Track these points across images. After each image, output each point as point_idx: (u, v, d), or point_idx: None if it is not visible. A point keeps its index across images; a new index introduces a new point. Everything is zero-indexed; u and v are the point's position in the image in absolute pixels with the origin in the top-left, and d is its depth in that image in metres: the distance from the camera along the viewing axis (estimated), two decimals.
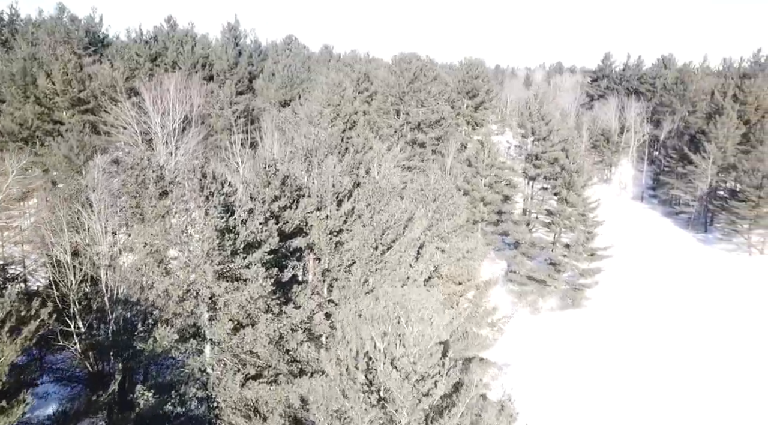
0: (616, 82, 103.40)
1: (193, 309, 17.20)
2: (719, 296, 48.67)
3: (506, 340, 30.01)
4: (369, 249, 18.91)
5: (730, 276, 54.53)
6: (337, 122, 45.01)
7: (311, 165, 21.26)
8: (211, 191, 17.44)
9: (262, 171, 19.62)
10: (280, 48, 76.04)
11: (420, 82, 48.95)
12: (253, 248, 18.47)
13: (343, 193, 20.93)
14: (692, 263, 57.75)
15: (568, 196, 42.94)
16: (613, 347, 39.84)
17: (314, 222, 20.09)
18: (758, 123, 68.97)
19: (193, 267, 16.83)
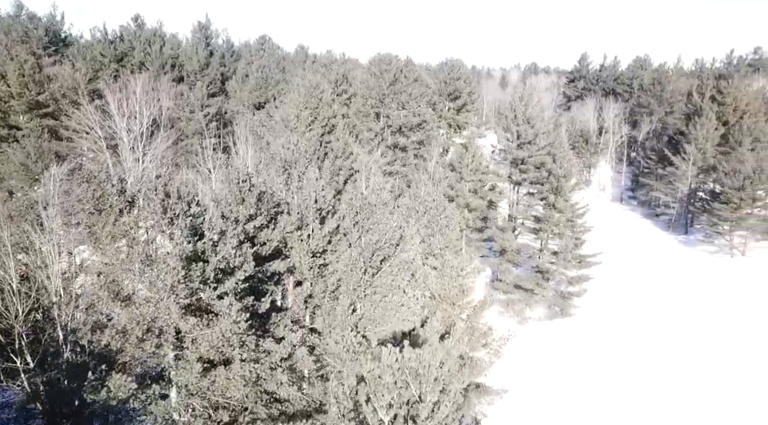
0: (593, 82, 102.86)
1: (156, 349, 14.77)
2: (707, 300, 47.79)
3: None
4: (357, 273, 16.72)
5: (715, 279, 53.74)
6: (315, 125, 42.65)
7: (290, 178, 18.95)
8: (176, 212, 15.03)
9: (235, 186, 17.23)
10: (254, 48, 73.24)
11: (401, 84, 46.86)
12: (225, 276, 16.09)
13: (326, 209, 18.66)
14: (677, 266, 56.84)
15: (556, 201, 41.29)
16: (605, 357, 38.38)
17: (295, 243, 17.79)
18: (736, 124, 68.56)
19: (156, 302, 14.40)
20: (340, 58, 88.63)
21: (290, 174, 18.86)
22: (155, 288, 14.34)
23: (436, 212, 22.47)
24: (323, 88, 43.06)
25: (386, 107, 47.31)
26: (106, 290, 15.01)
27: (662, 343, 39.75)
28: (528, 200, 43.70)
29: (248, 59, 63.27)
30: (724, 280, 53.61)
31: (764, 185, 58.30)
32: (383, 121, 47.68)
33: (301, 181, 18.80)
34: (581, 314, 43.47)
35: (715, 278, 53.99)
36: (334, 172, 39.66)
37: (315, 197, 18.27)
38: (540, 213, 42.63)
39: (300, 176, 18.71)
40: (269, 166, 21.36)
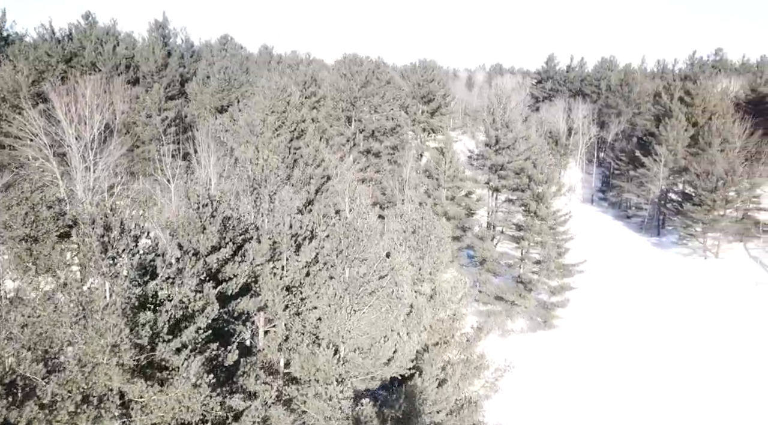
0: (561, 83, 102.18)
1: (95, 423, 11.74)
2: (689, 305, 46.81)
3: None
4: (341, 312, 14.02)
5: (693, 283, 52.88)
6: (283, 131, 39.55)
7: (260, 199, 16.08)
8: (119, 250, 12.03)
9: (195, 212, 14.27)
10: (215, 48, 69.39)
11: (373, 86, 44.18)
12: (184, 323, 13.16)
13: (303, 235, 15.85)
14: (655, 270, 55.82)
15: (538, 209, 39.29)
16: (591, 369, 36.56)
17: (266, 277, 14.95)
18: (705, 125, 68.24)
19: (93, 366, 11.38)
20: (306, 58, 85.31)
21: (260, 194, 15.98)
22: (92, 348, 11.32)
23: (425, 233, 19.96)
24: (291, 91, 40.04)
25: (358, 111, 44.57)
26: (31, 348, 11.90)
27: (648, 352, 38.40)
28: (507, 207, 41.62)
29: (209, 60, 59.55)
30: (702, 283, 52.77)
31: (736, 187, 57.81)
32: (355, 125, 44.93)
33: (272, 202, 15.94)
34: (564, 324, 41.63)
35: (693, 281, 53.14)
36: (305, 181, 36.73)
37: (289, 221, 15.44)
38: (521, 221, 40.60)
39: (271, 196, 15.84)
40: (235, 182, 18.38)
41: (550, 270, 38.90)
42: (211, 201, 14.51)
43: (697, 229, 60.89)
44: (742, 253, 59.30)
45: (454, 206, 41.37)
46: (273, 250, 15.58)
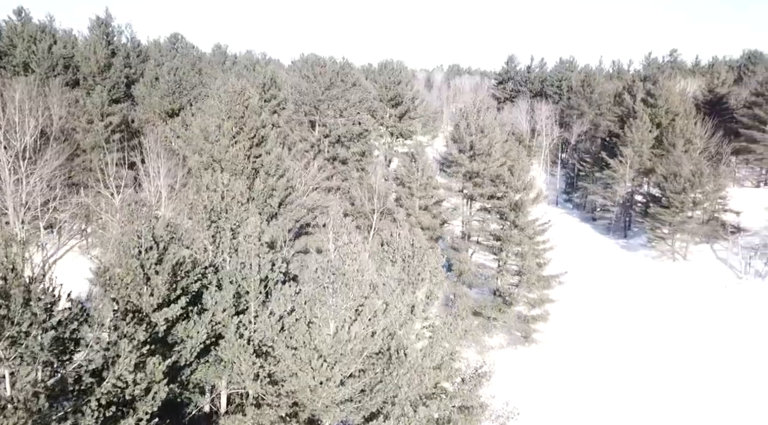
0: (522, 84, 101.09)
1: None
2: (666, 312, 45.51)
3: None
4: (329, 387, 10.83)
5: (667, 287, 51.71)
6: (241, 137, 35.85)
7: (220, 234, 12.75)
8: (22, 325, 8.56)
9: (135, 259, 10.83)
10: (165, 48, 64.61)
11: (338, 89, 40.91)
12: (121, 411, 9.76)
13: (274, 277, 12.59)
14: (627, 275, 54.49)
15: (517, 218, 36.91)
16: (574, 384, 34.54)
17: (230, 336, 11.65)
18: (669, 126, 67.79)
19: None
20: (262, 58, 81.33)
21: (219, 228, 12.64)
22: None
23: (417, 264, 16.98)
24: (249, 94, 36.40)
25: (322, 115, 41.23)
26: None
27: (631, 363, 36.84)
28: (483, 216, 39.09)
29: (158, 60, 54.92)
30: (675, 288, 51.67)
31: (703, 188, 57.18)
32: (319, 130, 41.58)
33: (235, 238, 12.61)
34: (544, 338, 39.48)
35: (667, 286, 51.98)
36: (267, 193, 33.21)
37: (258, 261, 12.16)
38: (499, 231, 38.14)
39: (234, 230, 12.52)
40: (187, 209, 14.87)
41: (530, 283, 36.57)
42: (156, 243, 11.07)
43: (664, 231, 60.05)
44: (710, 255, 58.70)
45: (428, 215, 38.60)
46: (237, 299, 12.24)
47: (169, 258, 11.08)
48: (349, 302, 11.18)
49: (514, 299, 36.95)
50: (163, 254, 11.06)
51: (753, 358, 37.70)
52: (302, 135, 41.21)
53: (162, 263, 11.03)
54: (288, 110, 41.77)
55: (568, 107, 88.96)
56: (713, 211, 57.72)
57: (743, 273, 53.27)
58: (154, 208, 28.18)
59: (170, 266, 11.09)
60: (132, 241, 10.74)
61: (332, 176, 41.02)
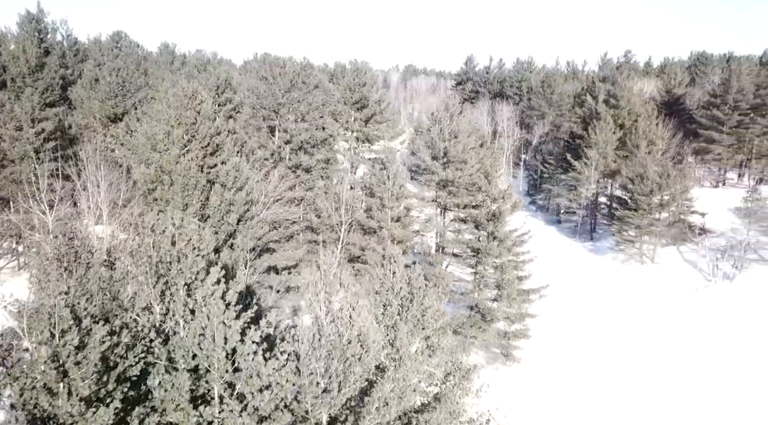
0: (481, 85, 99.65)
1: None
2: (642, 319, 44.67)
3: None
4: None
5: (639, 292, 50.70)
6: (193, 146, 32.02)
7: (172, 290, 9.44)
8: None
9: (47, 347, 7.41)
10: (106, 47, 59.42)
11: (299, 91, 37.53)
12: None
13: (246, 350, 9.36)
14: (598, 280, 53.16)
15: (495, 229, 34.48)
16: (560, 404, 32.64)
17: None
18: (632, 127, 67.22)
19: None
20: (213, 58, 76.75)
21: (170, 283, 9.33)
22: None
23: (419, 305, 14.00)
24: (201, 98, 32.60)
25: (283, 120, 37.74)
26: None
27: (617, 376, 35.70)
28: (458, 226, 36.50)
29: (98, 60, 49.97)
30: (647, 293, 50.66)
31: (671, 190, 56.50)
32: (280, 136, 38.08)
33: (190, 296, 9.33)
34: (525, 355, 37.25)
35: (639, 291, 50.89)
36: (224, 209, 29.54)
37: (224, 332, 8.93)
38: (475, 243, 35.61)
39: (189, 287, 9.25)
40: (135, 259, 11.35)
41: (511, 297, 34.20)
42: (77, 320, 7.65)
43: (630, 233, 59.19)
44: (677, 257, 58.13)
45: (401, 227, 35.71)
46: (196, 382, 8.91)
47: (95, 341, 7.73)
48: (348, 388, 8.18)
49: (494, 315, 34.49)
50: (88, 336, 7.72)
51: (729, 361, 37.03)
52: (261, 142, 37.64)
53: (86, 348, 7.68)
54: (244, 114, 38.11)
55: (529, 108, 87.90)
56: (680, 213, 57.16)
57: (711, 276, 52.75)
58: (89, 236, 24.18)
59: (98, 353, 7.75)
60: (43, 330, 7.30)
61: (295, 186, 37.60)
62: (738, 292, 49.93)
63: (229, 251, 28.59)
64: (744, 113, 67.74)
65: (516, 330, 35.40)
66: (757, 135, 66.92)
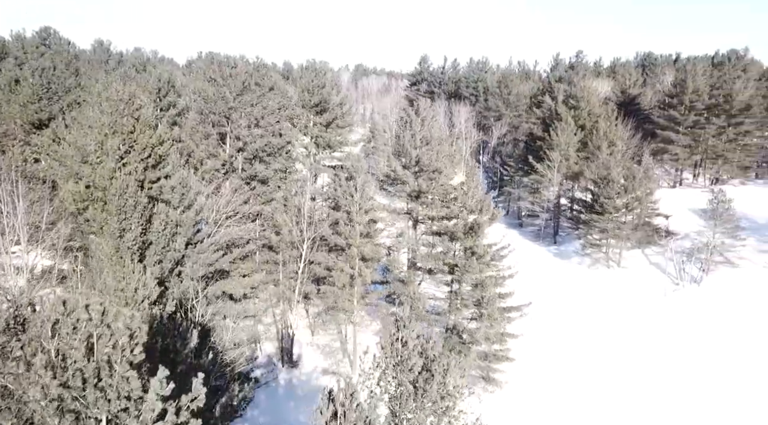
0: (436, 85, 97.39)
1: None
2: (616, 327, 43.14)
3: None
4: None
5: (609, 298, 49.32)
6: (131, 158, 27.62)
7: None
8: None
9: None
10: (31, 43, 53.25)
11: (253, 94, 33.57)
12: None
13: None
14: (567, 287, 51.44)
15: (473, 244, 31.61)
16: None
17: None
18: (593, 128, 66.19)
19: None
20: (154, 57, 71.13)
21: (83, 419, 5.67)
22: None
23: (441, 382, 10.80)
24: (140, 102, 28.23)
25: (235, 125, 33.66)
26: None
27: (597, 388, 34.44)
28: (432, 240, 33.43)
29: (21, 58, 44.24)
30: (618, 298, 49.31)
31: (635, 192, 55.46)
32: (232, 144, 34.00)
33: None
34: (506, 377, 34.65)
35: (609, 297, 49.47)
36: (168, 233, 25.33)
37: None
38: (452, 259, 32.64)
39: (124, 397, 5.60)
40: None
41: (492, 318, 31.39)
42: None
43: (595, 236, 57.95)
44: (643, 260, 57.19)
45: (371, 244, 32.34)
46: None
47: None
48: None
49: (474, 336, 31.60)
50: None
51: (704, 366, 36.85)
52: (211, 151, 33.46)
53: None
54: (191, 120, 33.82)
55: (486, 109, 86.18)
56: (646, 216, 56.23)
57: (679, 279, 51.91)
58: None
59: None
60: None
61: (250, 200, 33.61)
62: (706, 295, 49.20)
63: (178, 281, 24.47)
64: (699, 113, 67.86)
65: (497, 352, 32.66)
66: (712, 135, 67.11)
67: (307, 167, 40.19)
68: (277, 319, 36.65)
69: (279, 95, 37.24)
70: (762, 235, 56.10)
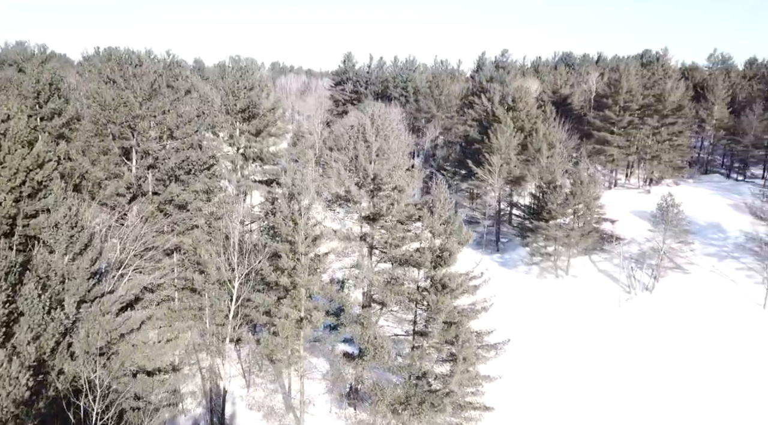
0: (363, 85, 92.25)
1: None
2: (573, 343, 40.96)
3: None
4: None
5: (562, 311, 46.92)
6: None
7: None
8: None
9: None
10: None
11: (165, 99, 26.73)
12: None
13: None
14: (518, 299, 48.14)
15: (444, 275, 26.62)
16: None
17: None
18: (533, 130, 63.62)
19: None
20: (40, 52, 61.00)
21: None
22: None
23: None
24: (8, 111, 20.83)
25: (142, 138, 26.68)
26: None
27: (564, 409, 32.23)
28: (393, 271, 28.09)
29: None
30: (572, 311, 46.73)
31: (583, 198, 53.03)
32: (139, 161, 27.00)
33: None
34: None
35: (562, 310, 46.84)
36: (48, 298, 18.27)
37: None
38: (416, 294, 27.47)
39: None
40: None
41: (470, 361, 26.54)
42: None
43: (541, 244, 55.16)
44: (591, 268, 55.07)
45: (318, 278, 26.52)
46: None
47: None
48: None
49: (447, 385, 26.60)
50: None
51: (669, 377, 35.83)
52: (111, 170, 26.27)
53: None
54: (84, 131, 26.42)
55: (417, 110, 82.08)
56: (594, 221, 54.02)
57: (630, 287, 50.03)
58: None
59: None
60: None
61: (165, 230, 26.76)
62: (659, 303, 47.64)
63: (67, 360, 17.58)
64: (633, 113, 67.11)
65: (472, 401, 27.89)
66: (647, 135, 66.53)
67: (234, 184, 33.60)
68: (204, 374, 29.97)
69: (198, 99, 30.54)
70: (705, 237, 55.56)
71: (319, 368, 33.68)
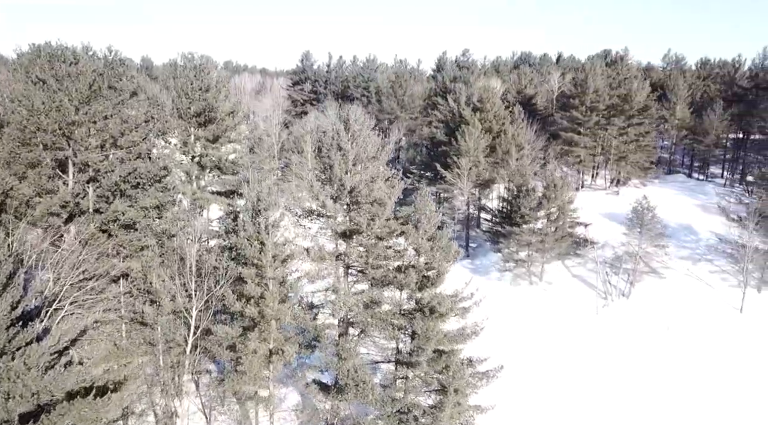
0: (323, 85, 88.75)
1: None
2: (554, 353, 39.20)
3: None
4: None
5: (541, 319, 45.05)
6: None
7: None
8: None
9: None
10: None
11: (107, 102, 22.93)
12: None
13: None
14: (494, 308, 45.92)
15: (433, 299, 23.78)
16: None
17: None
18: (501, 132, 61.75)
19: None
20: None
21: None
22: None
23: None
24: None
25: (80, 146, 22.79)
26: None
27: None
28: (373, 294, 25.07)
29: None
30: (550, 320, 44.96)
31: (557, 202, 51.34)
32: (76, 175, 23.08)
33: None
34: None
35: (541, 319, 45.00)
36: None
37: None
38: (400, 319, 24.56)
39: None
40: None
41: (462, 393, 23.82)
42: None
43: (513, 249, 53.27)
44: (565, 273, 53.51)
45: (290, 307, 23.25)
46: None
47: None
48: None
49: (438, 421, 23.80)
50: None
51: (647, 384, 34.81)
52: (43, 185, 22.28)
53: None
54: (8, 141, 22.34)
55: (380, 111, 79.19)
56: (568, 226, 52.39)
57: (606, 293, 48.64)
58: None
59: None
60: None
61: (110, 254, 22.95)
62: (636, 309, 46.43)
63: None
64: (600, 113, 66.16)
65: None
66: (613, 136, 65.68)
67: (189, 196, 29.83)
68: (158, 413, 26.20)
69: (146, 102, 26.77)
70: (678, 239, 54.80)
71: (288, 399, 30.33)
